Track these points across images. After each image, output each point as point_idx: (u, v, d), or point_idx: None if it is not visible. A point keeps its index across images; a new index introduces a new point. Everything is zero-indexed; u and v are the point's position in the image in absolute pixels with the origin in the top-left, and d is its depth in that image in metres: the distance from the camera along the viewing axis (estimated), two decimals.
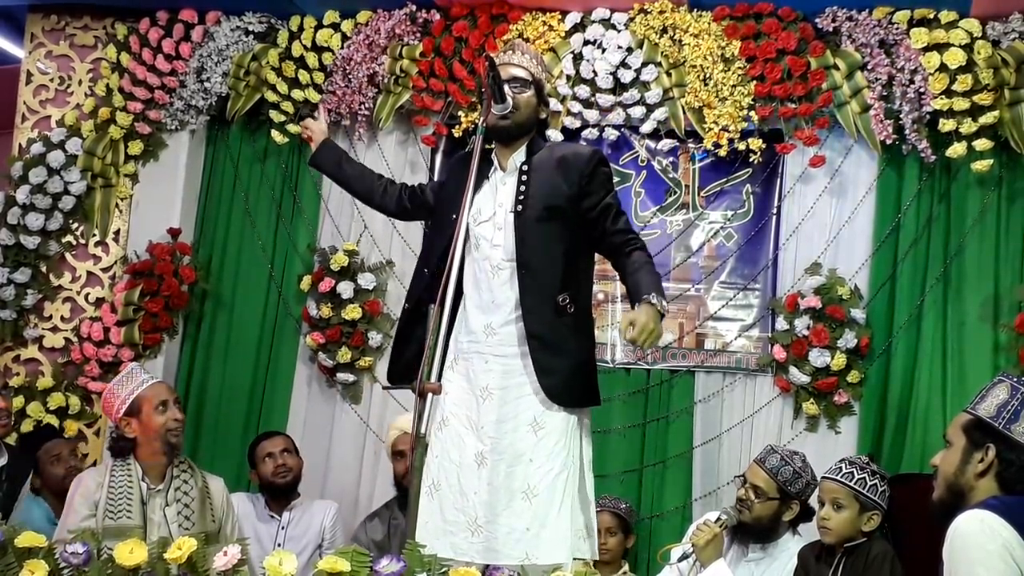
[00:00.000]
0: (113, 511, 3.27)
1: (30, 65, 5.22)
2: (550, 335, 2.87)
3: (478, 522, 2.82)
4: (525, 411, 2.87)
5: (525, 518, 2.80)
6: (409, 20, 4.79)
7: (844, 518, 3.25)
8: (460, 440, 2.90)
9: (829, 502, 3.29)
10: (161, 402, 3.42)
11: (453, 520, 2.84)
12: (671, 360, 4.63)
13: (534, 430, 2.86)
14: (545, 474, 2.83)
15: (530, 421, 2.86)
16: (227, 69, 4.95)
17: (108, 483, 3.32)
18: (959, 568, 2.16)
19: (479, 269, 2.96)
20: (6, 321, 4.97)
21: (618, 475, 4.52)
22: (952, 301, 4.33)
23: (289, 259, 5.06)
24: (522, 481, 2.83)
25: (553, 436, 2.86)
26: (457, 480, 2.86)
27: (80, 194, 5.02)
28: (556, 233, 2.92)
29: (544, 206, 2.90)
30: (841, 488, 3.27)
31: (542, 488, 2.82)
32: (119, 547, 2.39)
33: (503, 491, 2.82)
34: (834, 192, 4.53)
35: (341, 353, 4.75)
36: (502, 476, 2.84)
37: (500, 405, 2.88)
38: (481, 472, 2.85)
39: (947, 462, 2.40)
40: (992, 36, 4.25)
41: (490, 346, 2.91)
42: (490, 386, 2.89)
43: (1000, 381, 2.41)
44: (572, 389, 2.90)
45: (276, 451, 4.20)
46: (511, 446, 2.85)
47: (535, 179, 2.94)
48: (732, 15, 4.48)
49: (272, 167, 5.14)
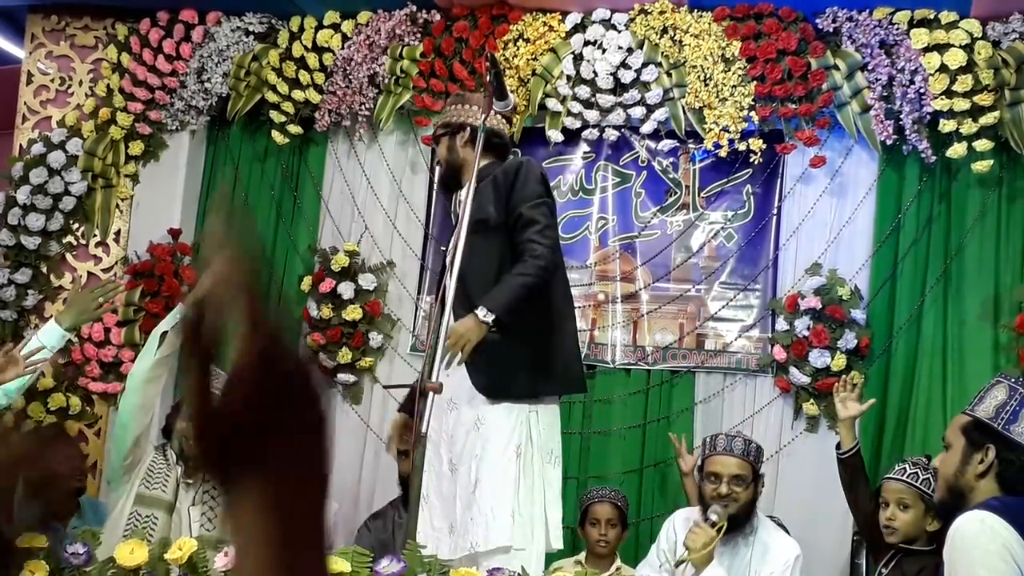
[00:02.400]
0: (150, 481, 3.33)
1: (30, 65, 5.23)
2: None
3: (453, 525, 3.01)
4: (469, 413, 3.06)
5: (472, 510, 2.97)
6: (409, 20, 4.79)
7: (910, 519, 3.25)
8: (436, 450, 3.10)
9: (894, 502, 3.29)
10: None
11: (440, 527, 3.02)
12: (671, 360, 4.62)
13: (477, 428, 3.04)
14: (489, 467, 2.98)
15: (473, 420, 3.05)
16: (227, 69, 4.96)
17: (153, 453, 3.39)
18: (959, 568, 2.17)
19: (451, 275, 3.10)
20: (7, 321, 4.98)
21: (618, 475, 4.52)
22: (952, 301, 4.32)
23: (290, 260, 5.06)
24: (472, 476, 3.00)
25: (494, 430, 3.03)
26: (440, 489, 3.06)
27: (81, 195, 5.03)
28: (486, 243, 3.10)
29: (473, 218, 3.04)
30: (907, 488, 3.28)
31: (484, 477, 2.98)
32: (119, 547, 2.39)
33: (466, 490, 3.00)
34: (834, 192, 4.53)
35: (342, 354, 4.75)
36: (464, 476, 3.02)
37: (458, 413, 3.07)
38: (453, 478, 3.05)
39: (947, 464, 2.41)
40: (992, 37, 4.25)
41: (448, 354, 3.00)
42: (453, 397, 3.06)
43: (998, 382, 2.41)
44: (508, 384, 3.05)
45: None
46: (464, 448, 3.04)
47: (477, 196, 3.11)
48: (732, 15, 4.48)
49: (272, 167, 5.15)
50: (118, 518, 3.29)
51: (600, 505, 4.00)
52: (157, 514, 3.29)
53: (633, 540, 4.41)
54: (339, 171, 5.05)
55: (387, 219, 4.93)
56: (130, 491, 3.33)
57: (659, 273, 4.69)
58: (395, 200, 4.90)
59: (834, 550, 4.16)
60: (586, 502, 4.05)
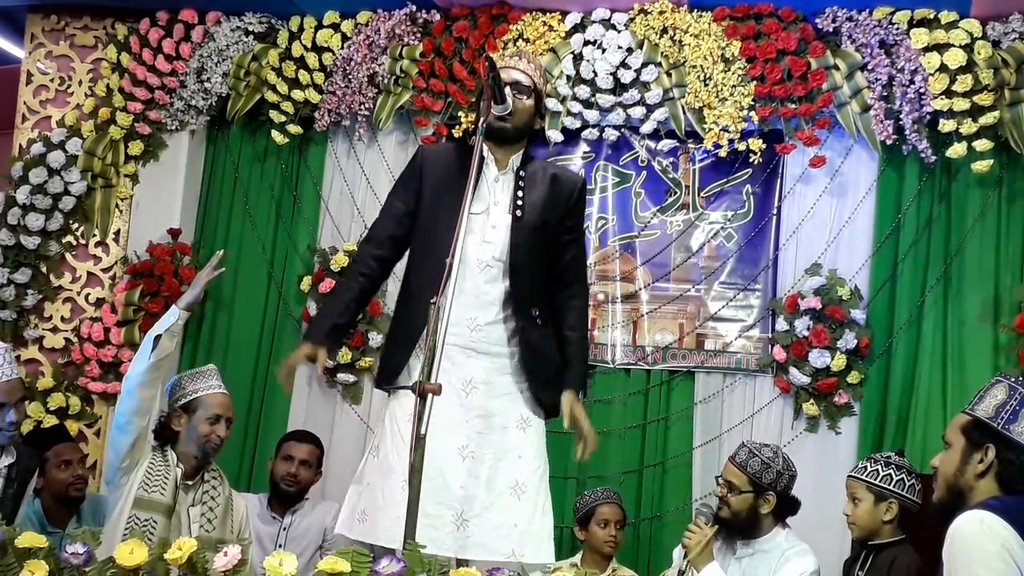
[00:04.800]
0: (148, 484, 3.33)
1: (30, 65, 5.23)
2: (537, 342, 2.94)
3: (463, 516, 2.81)
4: (513, 408, 2.92)
5: (514, 514, 2.84)
6: (409, 20, 4.79)
7: (861, 511, 3.35)
8: (440, 434, 2.76)
9: (848, 498, 3.40)
10: (215, 415, 3.48)
11: (435, 514, 2.76)
12: (671, 361, 4.63)
13: (522, 428, 2.92)
14: (533, 472, 2.89)
15: (518, 419, 2.92)
16: (227, 69, 4.96)
17: (151, 457, 3.39)
18: (959, 568, 2.17)
19: (465, 260, 2.88)
20: (6, 321, 4.98)
21: (618, 476, 4.52)
22: (952, 301, 4.32)
23: (289, 259, 5.06)
24: (510, 477, 2.86)
25: (538, 435, 2.95)
26: (440, 474, 2.78)
27: (80, 194, 5.03)
28: (543, 245, 2.98)
29: (540, 217, 2.95)
30: (855, 482, 3.39)
31: (530, 485, 2.87)
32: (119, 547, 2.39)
33: (489, 486, 2.85)
34: (834, 192, 4.53)
35: (341, 354, 4.75)
36: (487, 470, 2.86)
37: (487, 400, 2.90)
38: (467, 466, 2.84)
39: (947, 463, 2.41)
40: (992, 36, 4.25)
41: (474, 341, 2.91)
42: (475, 379, 2.91)
43: (998, 382, 2.41)
44: (554, 399, 2.97)
45: (297, 458, 4.17)
46: (498, 441, 2.88)
47: (531, 188, 2.97)
48: (732, 15, 4.48)
49: (272, 167, 5.15)
50: (116, 521, 3.29)
51: (608, 506, 4.04)
52: (156, 518, 3.28)
53: (633, 540, 4.42)
54: (339, 171, 5.05)
55: None
56: (128, 493, 3.33)
57: (659, 273, 4.69)
58: None
59: (834, 550, 4.15)
60: (592, 503, 4.06)
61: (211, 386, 3.53)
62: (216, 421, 3.46)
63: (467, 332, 2.90)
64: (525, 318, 2.93)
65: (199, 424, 3.45)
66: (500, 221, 2.93)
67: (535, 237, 2.94)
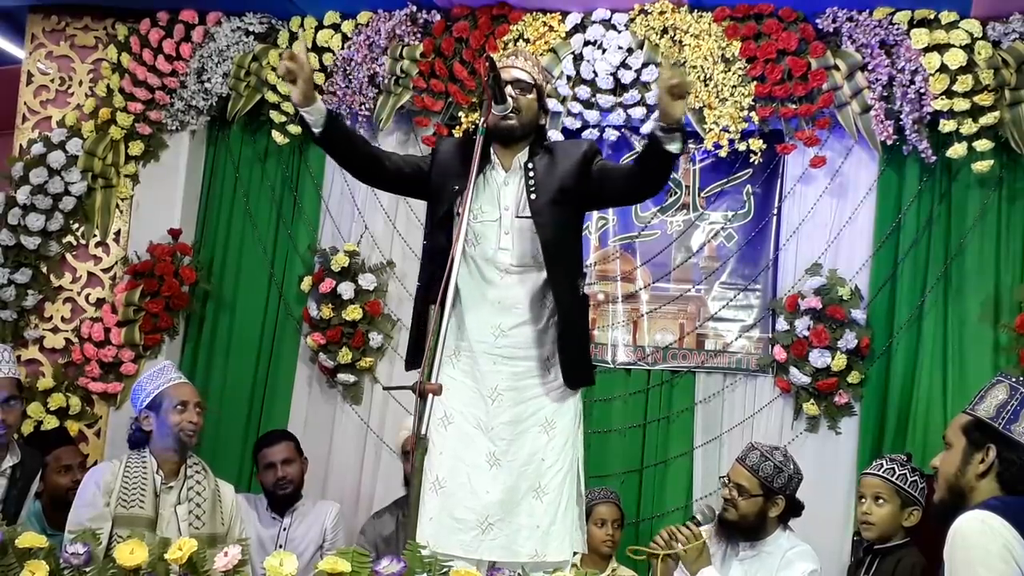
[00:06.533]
0: (126, 500, 3.32)
1: (30, 66, 5.22)
2: (574, 319, 2.96)
3: (489, 520, 2.87)
4: (537, 412, 2.95)
5: (536, 516, 2.89)
6: (410, 21, 4.79)
7: (886, 513, 3.29)
8: (470, 440, 2.94)
9: (870, 497, 3.33)
10: (181, 402, 3.47)
11: (463, 518, 2.87)
12: (671, 361, 4.63)
13: (546, 430, 2.95)
14: (555, 473, 2.92)
15: (542, 422, 2.95)
16: (227, 70, 4.96)
17: (123, 473, 3.38)
18: (960, 568, 2.16)
19: (482, 268, 2.96)
20: (7, 322, 4.97)
21: (618, 475, 4.53)
22: (952, 301, 4.32)
23: (290, 260, 5.06)
24: (533, 480, 2.91)
25: (563, 436, 2.96)
26: (468, 479, 2.90)
27: (81, 195, 5.02)
28: (568, 215, 2.97)
29: (558, 188, 2.93)
30: (883, 483, 3.32)
31: (552, 487, 2.91)
32: (119, 547, 2.39)
33: (516, 491, 2.90)
34: (834, 192, 4.53)
35: (342, 354, 4.76)
36: (515, 476, 2.91)
37: (512, 406, 2.95)
38: (493, 472, 2.91)
39: (947, 463, 2.41)
40: (992, 37, 4.25)
41: (499, 348, 2.95)
42: (499, 387, 2.95)
43: (999, 381, 2.41)
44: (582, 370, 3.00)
45: (277, 461, 4.17)
46: (524, 447, 2.93)
47: (542, 171, 2.96)
48: (732, 15, 4.48)
49: (273, 168, 5.15)
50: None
51: (606, 506, 4.04)
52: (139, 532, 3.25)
53: (633, 540, 4.41)
54: (339, 171, 5.02)
55: (387, 219, 4.93)
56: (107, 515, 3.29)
57: (659, 273, 4.70)
58: (395, 200, 4.89)
59: (834, 550, 4.16)
60: (589, 503, 4.05)
61: (170, 379, 3.54)
62: (184, 408, 3.46)
63: (492, 339, 2.94)
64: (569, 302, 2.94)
65: (168, 416, 3.45)
66: (512, 226, 2.94)
67: (557, 209, 2.93)
